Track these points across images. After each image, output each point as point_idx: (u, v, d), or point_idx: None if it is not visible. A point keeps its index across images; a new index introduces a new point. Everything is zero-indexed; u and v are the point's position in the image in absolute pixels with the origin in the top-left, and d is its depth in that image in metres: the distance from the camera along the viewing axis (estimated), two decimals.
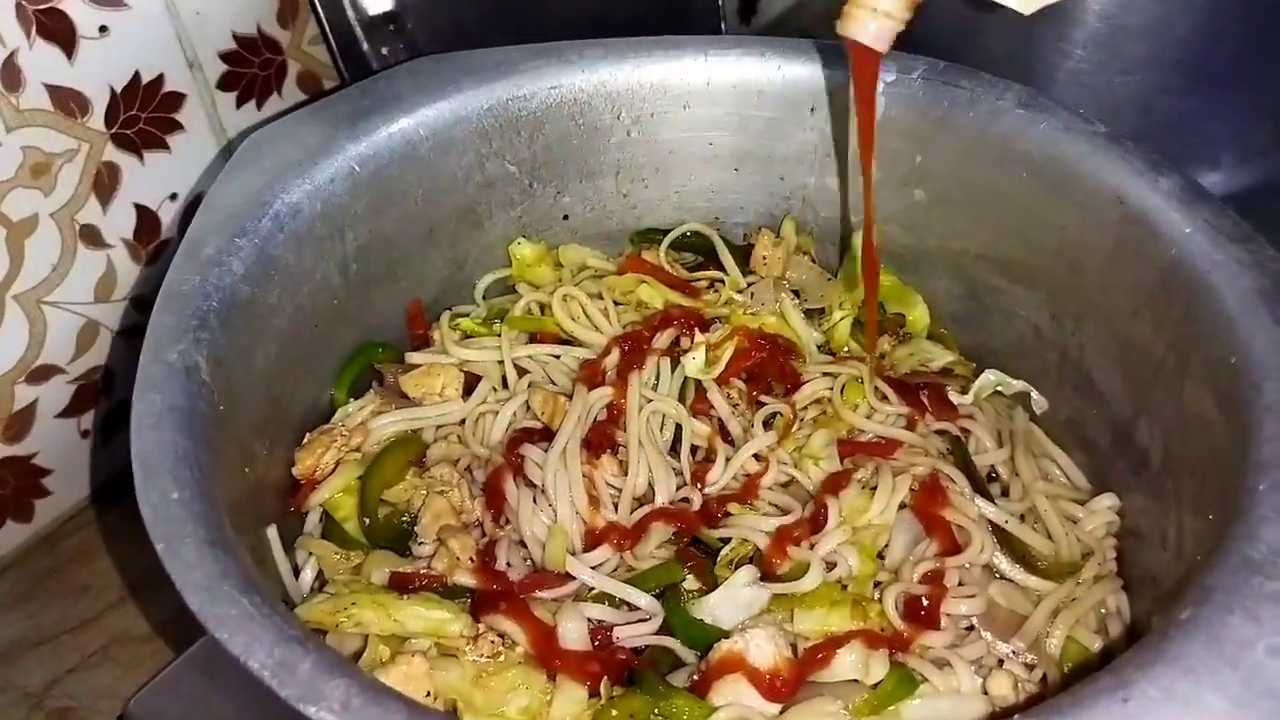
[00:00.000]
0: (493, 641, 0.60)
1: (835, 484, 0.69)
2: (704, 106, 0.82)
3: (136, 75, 0.79)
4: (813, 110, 0.80)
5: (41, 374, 0.81)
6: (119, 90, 0.78)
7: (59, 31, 0.73)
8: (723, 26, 1.13)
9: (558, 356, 0.78)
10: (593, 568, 0.65)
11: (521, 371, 0.77)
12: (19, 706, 0.76)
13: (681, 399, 0.75)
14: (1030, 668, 0.63)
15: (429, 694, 0.57)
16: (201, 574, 0.46)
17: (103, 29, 0.75)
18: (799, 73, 0.80)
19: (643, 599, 0.64)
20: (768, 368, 0.77)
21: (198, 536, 0.47)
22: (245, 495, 0.60)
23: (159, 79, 0.80)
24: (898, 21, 0.60)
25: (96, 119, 0.77)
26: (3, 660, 0.79)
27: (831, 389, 0.75)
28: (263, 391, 0.65)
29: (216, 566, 0.46)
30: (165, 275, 0.85)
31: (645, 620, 0.64)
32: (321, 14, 0.87)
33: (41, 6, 0.71)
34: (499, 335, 0.79)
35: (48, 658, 0.79)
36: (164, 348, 0.56)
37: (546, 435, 0.72)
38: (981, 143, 0.73)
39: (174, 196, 0.85)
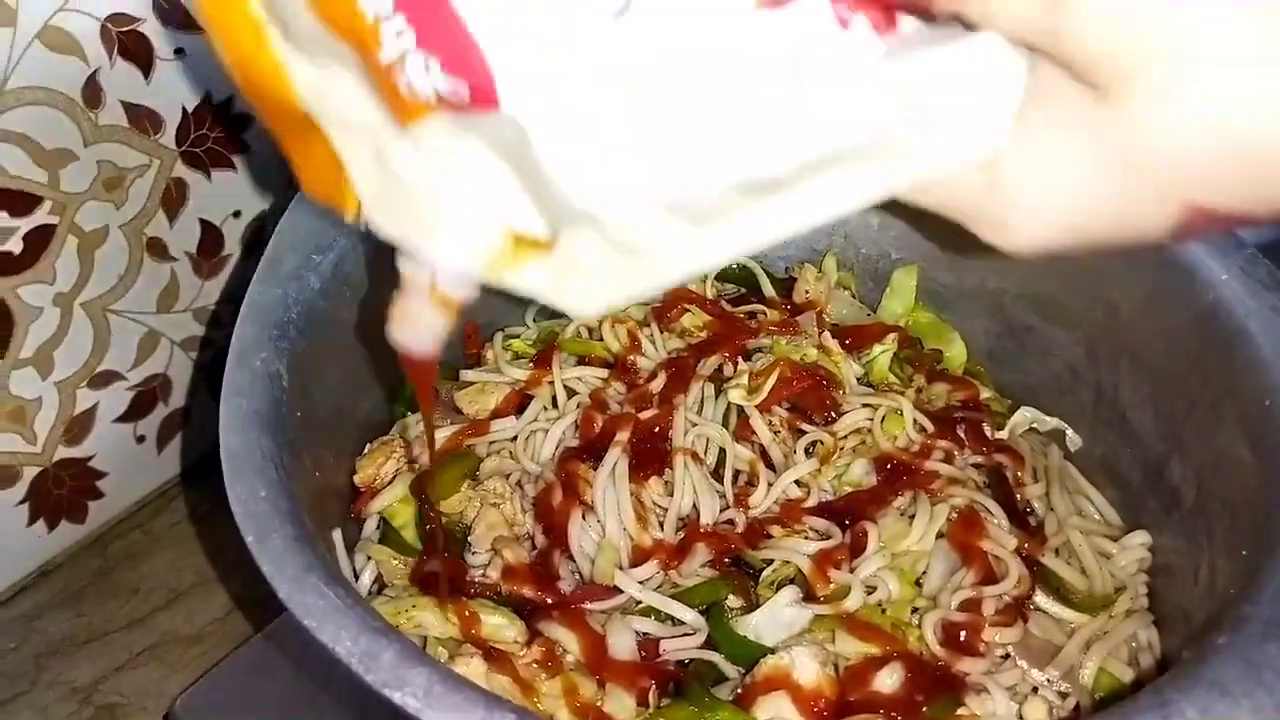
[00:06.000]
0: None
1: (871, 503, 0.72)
2: None
3: (208, 96, 0.81)
4: None
5: (103, 379, 0.83)
6: (191, 110, 0.80)
7: (138, 53, 0.75)
8: None
9: (606, 379, 0.80)
10: (639, 583, 0.67)
11: (571, 392, 0.79)
12: (68, 701, 0.78)
13: (725, 424, 0.76)
14: (1064, 696, 0.64)
15: None
16: (290, 566, 0.48)
17: (179, 51, 0.78)
18: None
19: (688, 614, 0.66)
20: (809, 397, 0.78)
21: (284, 532, 0.49)
22: (316, 498, 0.62)
23: (228, 101, 0.83)
24: (450, 315, 0.43)
25: (168, 136, 0.80)
26: (54, 656, 0.81)
27: (871, 420, 0.77)
28: (333, 401, 0.67)
29: (302, 560, 0.48)
30: (227, 288, 0.89)
31: (690, 635, 0.66)
32: None
33: (124, 29, 0.74)
34: None
35: (97, 655, 0.81)
36: (248, 355, 0.58)
37: (595, 454, 0.73)
38: None
39: (237, 214, 0.87)
